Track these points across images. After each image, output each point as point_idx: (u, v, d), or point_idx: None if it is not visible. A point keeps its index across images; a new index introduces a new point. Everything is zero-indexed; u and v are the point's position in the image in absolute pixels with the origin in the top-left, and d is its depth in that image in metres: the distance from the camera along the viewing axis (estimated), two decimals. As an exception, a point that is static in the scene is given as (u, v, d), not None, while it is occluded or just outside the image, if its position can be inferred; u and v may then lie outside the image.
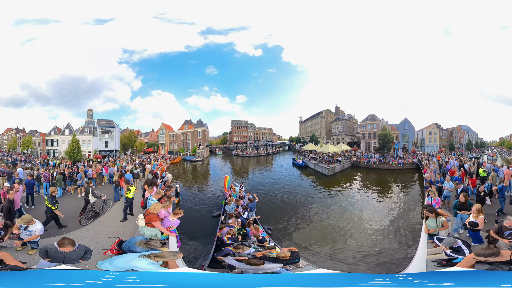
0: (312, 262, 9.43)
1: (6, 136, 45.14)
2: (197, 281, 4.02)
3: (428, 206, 8.25)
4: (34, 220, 6.54)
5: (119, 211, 10.90)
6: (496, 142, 49.41)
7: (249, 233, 9.77)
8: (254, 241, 9.06)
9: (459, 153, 38.79)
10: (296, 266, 6.69)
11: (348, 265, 9.29)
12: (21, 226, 6.48)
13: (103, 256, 6.07)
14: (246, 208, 13.08)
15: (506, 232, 5.99)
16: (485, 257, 4.01)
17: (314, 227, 13.67)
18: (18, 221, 6.45)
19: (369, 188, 23.11)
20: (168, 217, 6.91)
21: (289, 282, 3.95)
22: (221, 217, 12.11)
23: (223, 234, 8.97)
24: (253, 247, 8.05)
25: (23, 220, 6.33)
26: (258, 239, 9.01)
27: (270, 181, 26.86)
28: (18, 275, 4.28)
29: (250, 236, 9.61)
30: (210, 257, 7.75)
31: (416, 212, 15.17)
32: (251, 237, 9.50)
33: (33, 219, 6.50)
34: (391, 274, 4.78)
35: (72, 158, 32.51)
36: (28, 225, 6.41)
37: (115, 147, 40.79)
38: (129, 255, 5.12)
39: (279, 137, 59.57)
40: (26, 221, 6.34)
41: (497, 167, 15.17)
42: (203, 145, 45.31)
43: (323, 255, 10.11)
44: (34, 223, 6.50)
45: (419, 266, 6.15)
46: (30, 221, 6.38)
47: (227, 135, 56.76)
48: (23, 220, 6.33)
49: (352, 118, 47.94)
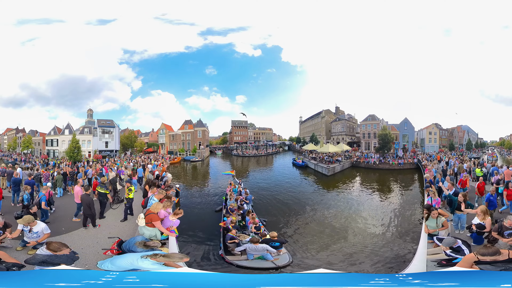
0: (312, 262, 9.47)
1: (6, 136, 45.15)
2: (197, 281, 4.02)
3: (428, 206, 8.24)
4: (36, 221, 6.52)
5: (119, 211, 10.90)
6: (496, 142, 49.41)
7: (248, 223, 11.25)
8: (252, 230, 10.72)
9: (459, 153, 38.79)
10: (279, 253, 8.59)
11: (348, 265, 9.29)
12: (23, 229, 6.43)
13: (103, 256, 6.07)
14: (245, 201, 14.63)
15: (506, 231, 6.00)
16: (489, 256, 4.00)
17: (314, 227, 13.67)
18: (19, 221, 6.42)
19: (369, 188, 23.10)
20: (168, 217, 6.92)
21: (289, 282, 3.95)
22: (223, 211, 13.36)
23: (228, 223, 10.41)
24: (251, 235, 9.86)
25: (25, 220, 6.29)
26: (256, 226, 10.71)
27: (270, 181, 26.86)
28: (18, 275, 4.28)
29: (249, 227, 10.96)
30: (222, 245, 9.40)
31: (416, 212, 15.17)
32: (249, 227, 10.87)
33: (34, 220, 6.47)
34: (391, 274, 4.78)
35: (72, 158, 32.51)
36: (30, 226, 6.37)
37: (115, 147, 40.80)
38: (131, 255, 5.11)
39: (279, 137, 59.57)
40: (27, 222, 6.30)
41: (497, 167, 15.18)
42: (203, 145, 45.32)
43: (323, 255, 10.11)
44: (36, 224, 6.47)
45: (419, 266, 6.15)
46: (31, 221, 6.35)
47: (227, 135, 56.77)
48: (25, 220, 6.29)
49: (352, 118, 47.94)
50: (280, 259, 8.37)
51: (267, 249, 8.18)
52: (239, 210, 12.66)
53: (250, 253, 8.31)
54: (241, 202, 13.98)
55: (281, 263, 8.13)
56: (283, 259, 8.43)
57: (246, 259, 8.33)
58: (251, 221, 11.31)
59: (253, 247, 8.18)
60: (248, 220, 11.54)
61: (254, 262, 8.18)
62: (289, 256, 8.65)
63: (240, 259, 8.48)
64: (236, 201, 13.80)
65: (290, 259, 8.46)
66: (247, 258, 8.34)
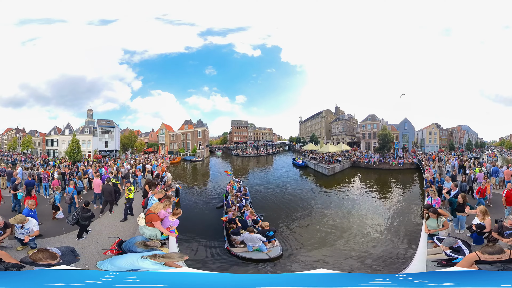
0: (312, 261, 9.47)
1: (6, 136, 45.14)
2: (197, 281, 4.02)
3: (428, 206, 8.24)
4: (27, 219, 6.82)
5: (119, 211, 10.90)
6: (496, 142, 49.41)
7: (246, 217, 12.10)
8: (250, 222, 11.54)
9: (459, 153, 38.78)
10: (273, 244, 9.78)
11: (348, 265, 9.28)
12: (16, 226, 6.73)
13: (103, 256, 6.07)
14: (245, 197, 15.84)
15: (506, 232, 6.00)
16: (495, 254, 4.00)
17: (314, 227, 13.66)
18: (11, 220, 6.68)
19: (369, 188, 23.09)
20: (168, 217, 6.92)
21: (289, 282, 3.95)
22: (224, 207, 14.42)
23: (230, 217, 11.53)
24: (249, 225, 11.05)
25: (17, 220, 6.61)
26: (254, 220, 11.65)
27: (270, 181, 26.84)
28: (18, 275, 4.28)
29: (247, 221, 11.64)
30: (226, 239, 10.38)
31: (416, 212, 15.16)
32: (248, 221, 11.55)
33: (26, 218, 6.77)
34: (391, 274, 4.78)
35: (72, 158, 32.50)
36: (23, 224, 6.67)
37: (115, 147, 40.79)
38: (131, 255, 5.11)
39: (279, 137, 59.57)
40: (20, 221, 6.61)
41: (497, 167, 15.17)
42: (203, 145, 45.32)
43: (323, 255, 10.10)
44: (27, 221, 6.78)
45: (419, 266, 6.15)
46: (23, 220, 6.66)
47: (227, 135, 56.77)
48: (17, 220, 6.61)
49: (352, 118, 47.93)
50: (272, 251, 9.51)
51: (260, 238, 9.36)
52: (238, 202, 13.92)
53: (249, 243, 9.43)
54: (241, 198, 15.09)
55: (273, 255, 9.30)
56: (275, 251, 9.56)
57: (247, 251, 9.42)
58: (249, 215, 12.24)
59: (249, 236, 9.37)
60: (246, 215, 12.43)
61: (253, 253, 9.32)
62: (281, 249, 9.75)
63: (242, 251, 9.50)
64: (236, 197, 14.93)
65: (281, 251, 9.60)
66: (247, 250, 9.44)
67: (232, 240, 10.11)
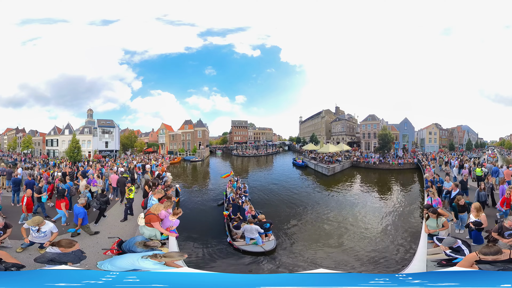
0: (312, 261, 9.48)
1: (6, 136, 45.15)
2: (197, 281, 4.02)
3: (428, 206, 8.24)
4: (44, 221, 6.36)
5: (119, 211, 10.90)
6: (496, 142, 49.43)
7: (245, 213, 12.60)
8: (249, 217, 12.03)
9: (459, 153, 38.79)
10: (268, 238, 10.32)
11: (348, 265, 9.28)
12: (31, 229, 6.30)
13: (103, 256, 6.07)
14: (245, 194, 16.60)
15: (506, 232, 5.99)
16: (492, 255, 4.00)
17: (314, 227, 13.67)
18: (28, 223, 6.30)
19: (369, 188, 23.09)
20: (168, 217, 6.92)
21: (289, 282, 3.94)
22: (225, 204, 15.14)
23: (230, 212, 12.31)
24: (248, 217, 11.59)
25: (34, 222, 6.15)
26: (252, 215, 12.10)
27: (270, 181, 26.84)
28: (18, 275, 4.28)
29: (246, 216, 12.18)
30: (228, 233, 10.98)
31: (416, 212, 15.16)
32: (247, 216, 12.00)
33: (43, 220, 6.32)
34: (391, 274, 4.78)
35: (72, 158, 32.52)
36: (39, 227, 6.24)
37: (115, 147, 40.81)
38: (131, 255, 5.11)
39: (279, 137, 59.63)
40: (37, 223, 6.16)
41: (497, 167, 15.16)
42: (203, 145, 45.33)
43: (322, 255, 10.11)
44: (44, 224, 6.32)
45: (419, 266, 6.15)
46: (40, 222, 6.20)
47: (227, 135, 56.80)
48: (34, 222, 6.15)
49: (352, 118, 47.96)
50: (266, 244, 10.01)
51: (257, 229, 9.90)
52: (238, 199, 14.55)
53: (247, 235, 10.02)
54: (240, 194, 15.86)
55: (268, 248, 9.82)
56: (269, 244, 10.06)
57: (245, 244, 10.01)
58: (248, 210, 12.80)
59: (248, 227, 9.97)
60: (246, 210, 12.98)
61: (250, 246, 9.90)
62: (275, 242, 10.26)
63: (242, 244, 10.07)
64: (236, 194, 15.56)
65: (274, 245, 10.11)
66: (246, 242, 10.05)
67: (234, 234, 10.70)
